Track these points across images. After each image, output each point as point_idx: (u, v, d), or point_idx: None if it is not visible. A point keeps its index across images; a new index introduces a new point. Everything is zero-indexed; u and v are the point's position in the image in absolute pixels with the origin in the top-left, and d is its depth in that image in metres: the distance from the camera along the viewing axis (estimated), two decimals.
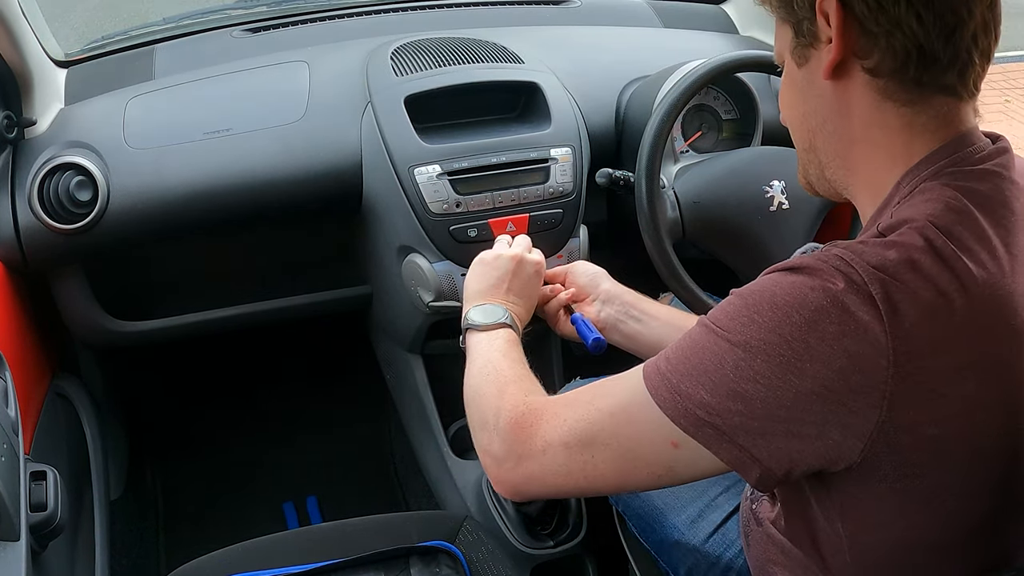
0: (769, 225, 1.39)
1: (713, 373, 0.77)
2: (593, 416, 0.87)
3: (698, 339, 0.80)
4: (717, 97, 1.63)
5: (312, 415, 2.15)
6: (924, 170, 0.80)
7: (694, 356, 0.80)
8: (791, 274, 0.77)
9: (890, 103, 0.80)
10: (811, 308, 0.73)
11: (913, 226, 0.76)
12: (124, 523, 1.80)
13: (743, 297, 0.78)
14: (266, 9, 1.92)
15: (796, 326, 0.73)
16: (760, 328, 0.75)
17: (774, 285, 0.77)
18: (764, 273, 0.80)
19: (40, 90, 1.53)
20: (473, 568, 1.20)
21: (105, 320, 1.60)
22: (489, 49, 1.63)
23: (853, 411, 0.73)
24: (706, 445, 0.78)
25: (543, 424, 0.92)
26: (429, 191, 1.46)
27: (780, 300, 0.75)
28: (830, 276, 0.74)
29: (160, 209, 1.47)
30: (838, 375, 0.73)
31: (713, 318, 0.80)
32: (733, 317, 0.78)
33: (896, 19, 0.77)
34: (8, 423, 1.05)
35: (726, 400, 0.76)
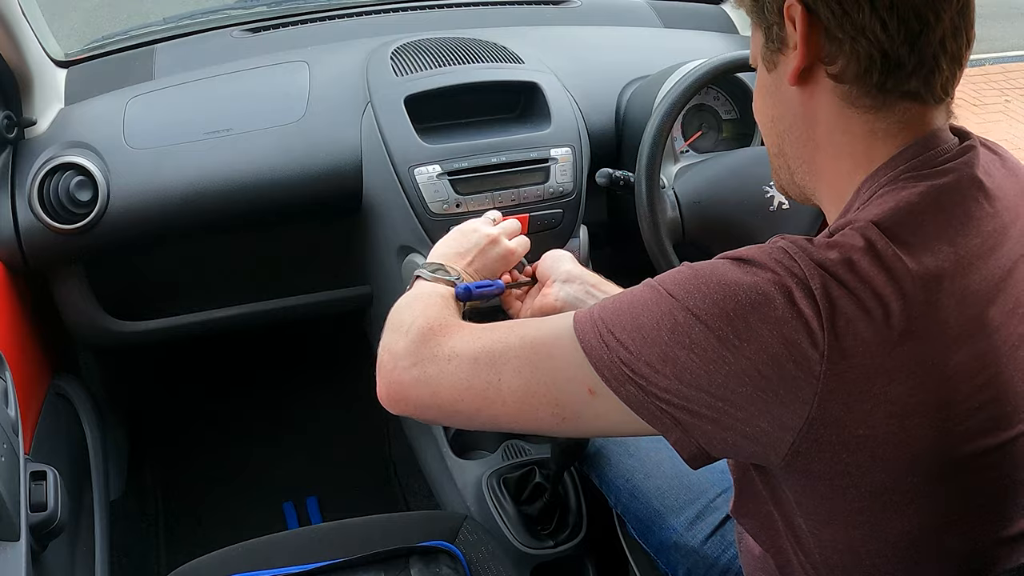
0: (769, 225, 1.39)
1: (648, 330, 0.76)
2: (511, 340, 0.86)
3: (639, 294, 0.80)
4: (717, 97, 1.63)
5: (312, 415, 2.15)
6: (883, 175, 0.80)
7: (632, 309, 0.79)
8: (739, 263, 0.76)
9: (853, 109, 0.80)
10: (757, 291, 0.73)
11: (855, 227, 0.76)
12: (124, 523, 1.80)
13: (694, 268, 0.78)
14: (266, 9, 1.92)
15: (740, 304, 0.73)
16: (705, 298, 0.74)
17: (724, 266, 0.77)
18: (716, 257, 0.80)
19: (40, 90, 1.53)
20: (473, 568, 1.20)
21: (105, 320, 1.60)
22: (489, 49, 1.63)
23: (783, 402, 0.73)
24: (627, 403, 0.78)
25: (456, 335, 0.91)
26: (429, 191, 1.46)
27: (729, 278, 0.75)
28: (774, 267, 0.74)
29: (160, 209, 1.47)
30: (772, 361, 0.72)
31: (660, 280, 0.80)
32: (680, 283, 0.77)
33: (860, 25, 0.76)
34: (8, 423, 1.06)
35: (657, 362, 0.75)
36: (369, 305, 1.76)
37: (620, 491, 1.31)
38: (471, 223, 1.22)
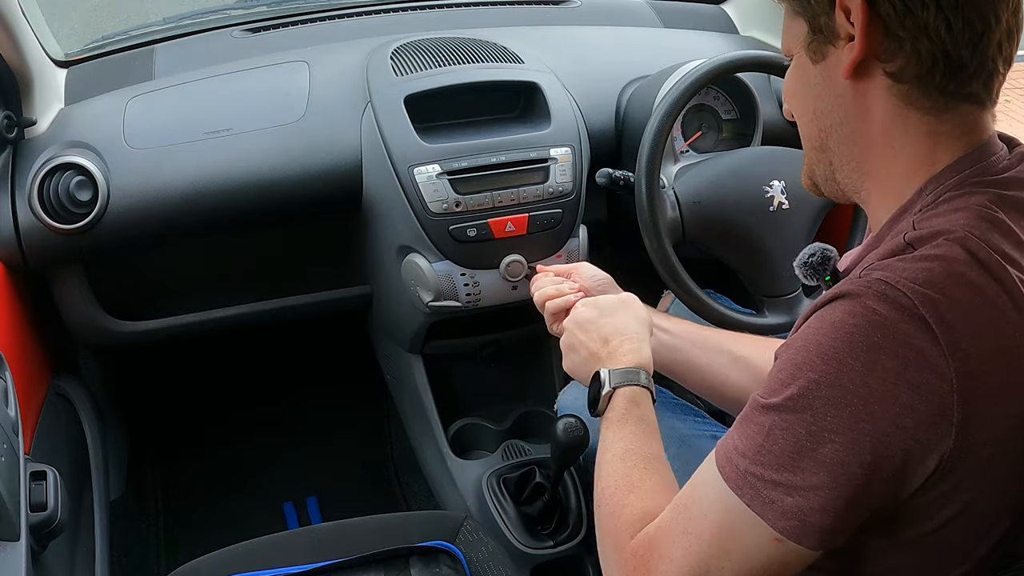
0: (769, 225, 1.39)
1: (786, 445, 0.74)
2: (697, 547, 0.81)
3: (764, 421, 0.76)
4: (717, 97, 1.63)
5: (312, 415, 2.15)
6: (948, 178, 0.78)
7: (760, 437, 0.76)
8: (832, 308, 0.74)
9: (912, 109, 0.78)
10: (864, 347, 0.71)
11: (951, 237, 0.73)
12: (124, 523, 1.80)
13: (791, 353, 0.75)
14: (266, 9, 1.92)
15: (854, 372, 0.71)
16: (823, 384, 0.72)
17: (818, 332, 0.74)
18: (804, 315, 0.78)
19: (40, 90, 1.53)
20: (473, 568, 1.20)
21: (105, 320, 1.60)
22: (489, 49, 1.63)
23: (923, 444, 0.71)
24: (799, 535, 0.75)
25: (657, 571, 0.85)
26: (429, 191, 1.46)
27: (828, 348, 0.72)
28: (875, 302, 0.71)
29: (160, 209, 1.47)
30: (906, 410, 0.70)
31: (770, 390, 0.76)
32: (788, 382, 0.74)
33: (923, 24, 0.74)
34: (8, 423, 1.06)
35: (805, 473, 0.73)
36: (369, 305, 1.76)
37: None
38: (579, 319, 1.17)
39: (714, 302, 1.39)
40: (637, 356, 1.10)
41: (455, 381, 1.77)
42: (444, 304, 1.52)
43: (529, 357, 1.78)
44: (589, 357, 1.13)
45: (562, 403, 1.47)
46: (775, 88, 1.72)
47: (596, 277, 1.33)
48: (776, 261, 1.40)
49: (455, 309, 1.53)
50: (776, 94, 1.72)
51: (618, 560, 0.91)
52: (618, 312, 1.16)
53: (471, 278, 1.51)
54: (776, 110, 1.71)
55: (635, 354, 1.10)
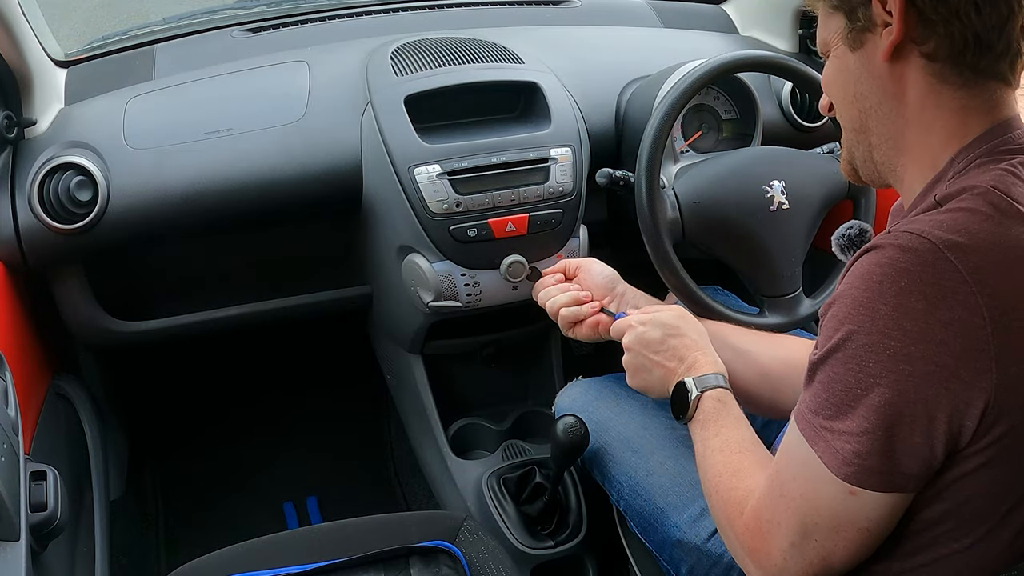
0: (769, 225, 1.39)
1: (841, 393, 0.81)
2: (795, 507, 0.88)
3: (818, 376, 0.83)
4: (717, 97, 1.63)
5: (312, 415, 2.15)
6: (978, 148, 0.85)
7: (825, 393, 0.83)
8: (862, 261, 0.80)
9: (945, 85, 0.85)
10: (893, 292, 0.77)
11: (976, 192, 0.80)
12: (124, 523, 1.80)
13: (832, 310, 0.82)
14: (266, 9, 1.92)
15: (887, 316, 0.77)
16: (860, 332, 0.78)
17: (851, 285, 0.80)
18: (842, 274, 0.84)
19: (40, 90, 1.53)
20: (473, 568, 1.19)
21: (105, 320, 1.60)
22: (489, 49, 1.63)
23: (965, 381, 0.76)
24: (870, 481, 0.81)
25: (770, 539, 0.91)
26: (429, 191, 1.46)
27: (861, 297, 0.79)
28: (901, 251, 0.77)
29: (160, 209, 1.47)
30: (942, 347, 0.75)
31: (819, 346, 0.83)
32: (830, 336, 0.81)
33: (955, 9, 0.81)
34: (8, 423, 1.06)
35: (861, 419, 0.79)
36: (369, 305, 1.76)
37: (622, 488, 1.31)
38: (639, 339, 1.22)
39: (714, 301, 1.38)
40: (715, 366, 1.17)
41: (455, 381, 1.77)
42: (444, 304, 1.52)
43: (529, 357, 1.78)
44: (666, 375, 1.19)
45: (559, 404, 1.47)
46: (775, 88, 1.72)
47: (604, 274, 1.38)
48: (776, 261, 1.40)
49: (455, 309, 1.53)
50: (776, 94, 1.72)
51: (738, 540, 0.97)
52: (682, 330, 1.21)
53: (471, 278, 1.51)
54: (776, 110, 1.71)
55: (713, 364, 1.17)
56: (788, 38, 1.87)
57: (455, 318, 1.59)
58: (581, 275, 1.39)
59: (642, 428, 1.35)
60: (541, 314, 1.40)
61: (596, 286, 1.36)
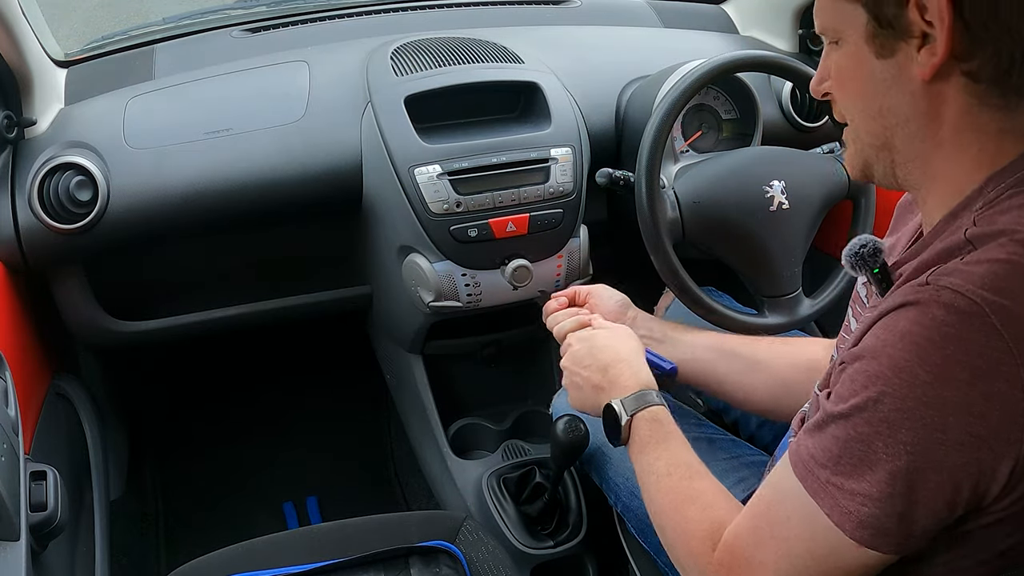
0: (769, 225, 1.39)
1: (859, 453, 0.76)
2: (787, 549, 0.84)
3: (838, 432, 0.78)
4: (717, 97, 1.63)
5: (312, 415, 2.15)
6: (1011, 175, 0.78)
7: (836, 445, 0.78)
8: (901, 317, 0.74)
9: (985, 108, 0.78)
10: (936, 361, 0.71)
11: (1017, 238, 0.73)
12: (124, 523, 1.80)
13: (863, 364, 0.76)
14: (266, 9, 1.92)
15: (927, 384, 0.72)
16: (895, 396, 0.73)
17: (889, 343, 0.74)
18: (870, 320, 0.78)
19: (40, 90, 1.53)
20: (473, 568, 1.19)
21: (105, 320, 1.60)
22: (489, 49, 1.63)
23: (996, 451, 0.72)
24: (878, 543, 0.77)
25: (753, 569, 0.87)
26: (429, 191, 1.45)
27: (900, 360, 0.73)
28: (945, 312, 0.71)
29: (160, 209, 1.47)
30: (979, 419, 0.71)
31: (842, 399, 0.77)
32: (860, 392, 0.75)
33: (1008, 24, 0.73)
34: (8, 423, 1.05)
35: (882, 483, 0.75)
36: (369, 305, 1.76)
37: (620, 490, 1.31)
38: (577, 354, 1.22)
39: (714, 302, 1.38)
40: (637, 378, 1.14)
41: (455, 381, 1.77)
42: (445, 304, 1.52)
43: (529, 357, 1.78)
44: (593, 390, 1.17)
45: (557, 405, 1.47)
46: (775, 88, 1.72)
47: (615, 299, 1.37)
48: (776, 261, 1.40)
49: (456, 309, 1.53)
50: (776, 94, 1.72)
51: (705, 570, 0.93)
52: (609, 341, 1.20)
53: (472, 278, 1.51)
54: (776, 110, 1.71)
55: (635, 376, 1.14)
56: (788, 38, 1.87)
57: (455, 318, 1.59)
58: (592, 301, 1.37)
59: None
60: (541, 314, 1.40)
61: (607, 311, 1.34)
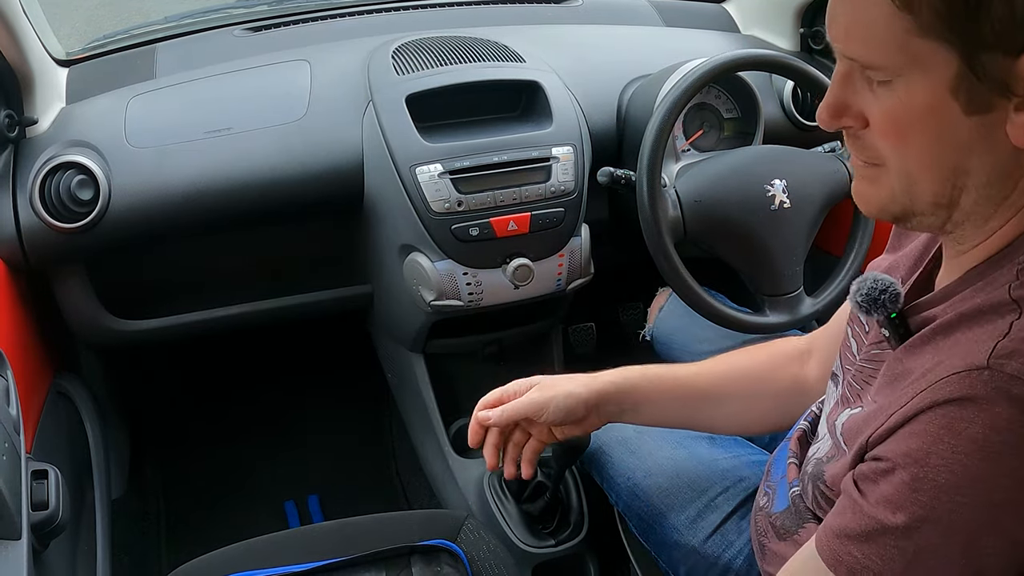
0: (770, 224, 1.39)
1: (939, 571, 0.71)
2: None
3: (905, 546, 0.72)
4: (719, 96, 1.63)
5: (313, 414, 2.15)
6: None
7: (910, 566, 0.72)
8: (964, 418, 0.68)
9: None
10: (1014, 466, 0.67)
11: None
12: (125, 522, 1.80)
13: (918, 471, 0.70)
14: (267, 8, 1.92)
15: (1006, 489, 0.68)
16: (974, 508, 0.68)
17: (957, 450, 0.68)
18: (914, 408, 0.71)
19: (41, 89, 1.53)
20: (475, 567, 1.20)
21: (107, 319, 1.60)
22: (490, 48, 1.63)
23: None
24: None
25: None
26: (431, 190, 1.45)
27: (976, 471, 0.68)
28: (1019, 411, 0.66)
29: (161, 208, 1.47)
30: None
31: (899, 507, 0.71)
32: (927, 504, 0.70)
33: None
34: (10, 422, 1.06)
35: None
36: (370, 304, 1.76)
37: (621, 489, 1.31)
38: None
39: (714, 301, 1.39)
40: None
41: (456, 380, 1.77)
42: (446, 303, 1.52)
43: (531, 356, 1.77)
44: None
45: None
46: (776, 87, 1.72)
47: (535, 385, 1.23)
48: (777, 260, 1.40)
49: (457, 308, 1.53)
50: (777, 93, 1.72)
51: None
52: None
53: (473, 277, 1.51)
54: (777, 109, 1.71)
55: None
56: (789, 37, 1.87)
57: (456, 317, 1.59)
58: None
59: (640, 429, 1.35)
60: (542, 313, 1.40)
61: None
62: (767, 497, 1.08)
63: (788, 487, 1.02)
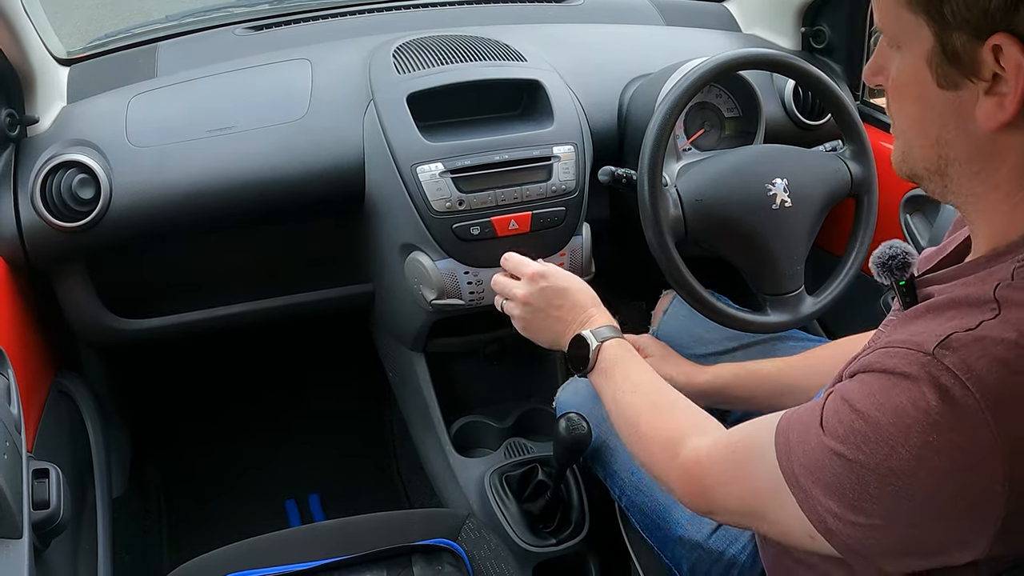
0: (772, 223, 1.39)
1: (835, 483, 0.77)
2: (752, 495, 0.90)
3: (823, 457, 0.79)
4: (720, 95, 1.63)
5: (315, 413, 2.15)
6: None
7: (817, 464, 0.79)
8: (896, 386, 0.74)
9: None
10: (918, 444, 0.71)
11: None
12: (126, 520, 1.80)
13: (859, 420, 0.76)
14: (269, 7, 1.92)
15: (905, 462, 0.72)
16: (872, 453, 0.74)
17: (880, 407, 0.74)
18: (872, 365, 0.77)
19: (43, 88, 1.53)
20: (476, 566, 1.20)
21: (108, 318, 1.60)
22: (492, 47, 1.63)
23: (963, 536, 0.73)
24: (838, 550, 0.80)
25: (710, 492, 0.95)
26: (432, 189, 1.45)
27: (886, 431, 0.73)
28: (939, 400, 0.70)
29: (162, 207, 1.47)
30: (950, 501, 0.72)
31: (833, 433, 0.78)
32: (848, 440, 0.76)
33: None
34: (11, 421, 1.06)
35: (850, 512, 0.77)
36: (371, 303, 1.76)
37: (625, 484, 1.31)
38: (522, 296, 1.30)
39: (716, 301, 1.38)
40: (609, 320, 1.24)
41: (458, 379, 1.77)
42: (447, 302, 1.52)
43: (532, 355, 1.77)
44: (562, 328, 1.26)
45: (561, 400, 1.47)
46: (777, 86, 1.72)
47: None
48: (779, 259, 1.40)
49: (458, 307, 1.53)
50: (778, 92, 1.72)
51: (668, 477, 1.01)
52: (580, 288, 1.28)
53: (474, 276, 1.51)
54: (779, 108, 1.71)
55: (607, 319, 1.24)
56: (790, 36, 1.87)
57: (458, 316, 1.59)
58: None
59: None
60: None
61: None
62: None
63: None
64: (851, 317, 1.57)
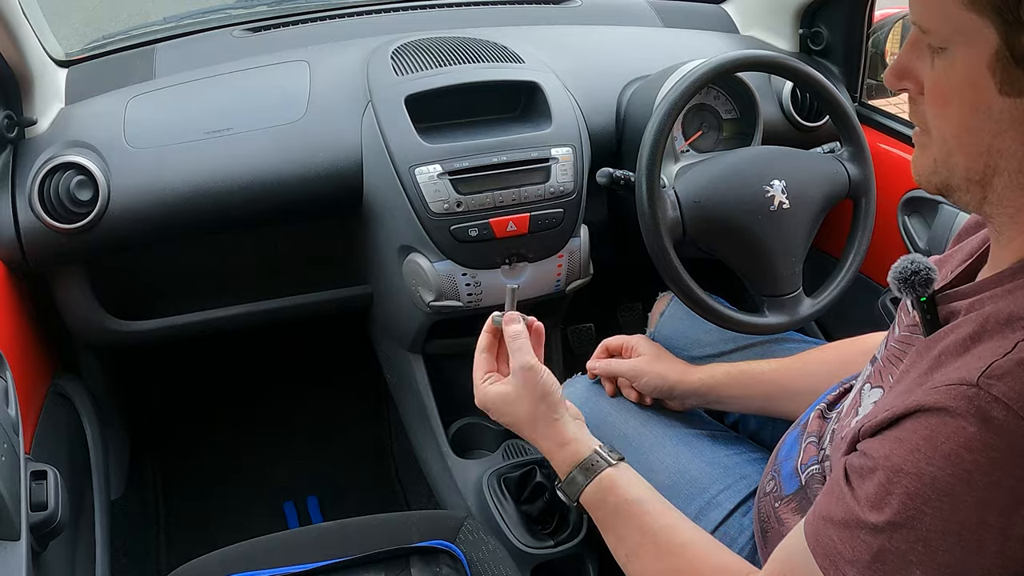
0: (770, 224, 1.39)
1: (898, 563, 0.72)
2: None
3: (871, 541, 0.73)
4: (718, 97, 1.63)
5: (313, 415, 2.15)
6: None
7: (873, 561, 0.73)
8: (942, 429, 0.69)
9: None
10: (981, 486, 0.68)
11: None
12: (125, 522, 1.80)
13: (902, 479, 0.71)
14: (267, 9, 1.92)
15: (970, 508, 0.68)
16: (934, 519, 0.69)
17: (930, 461, 0.70)
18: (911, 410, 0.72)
19: (40, 90, 1.53)
20: (474, 568, 1.19)
21: (106, 320, 1.60)
22: (490, 49, 1.63)
23: None
24: None
25: None
26: (430, 191, 1.46)
27: (944, 483, 0.69)
28: (993, 435, 0.67)
29: (160, 209, 1.47)
30: (1017, 541, 0.69)
31: (874, 506, 0.73)
32: (898, 508, 0.71)
33: None
34: (9, 423, 1.05)
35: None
36: (369, 305, 1.76)
37: None
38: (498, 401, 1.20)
39: (714, 302, 1.39)
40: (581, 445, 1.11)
41: (456, 381, 1.77)
42: (445, 304, 1.52)
43: None
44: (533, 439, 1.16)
45: None
46: (775, 88, 1.72)
47: None
48: (776, 261, 1.40)
49: (456, 309, 1.53)
50: (776, 93, 1.72)
51: None
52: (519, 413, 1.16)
53: (472, 278, 1.51)
54: (776, 110, 1.71)
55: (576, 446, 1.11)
56: (789, 37, 1.87)
57: (456, 317, 1.59)
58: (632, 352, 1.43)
59: (641, 426, 1.35)
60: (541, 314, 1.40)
61: None
62: (774, 482, 1.08)
63: (802, 469, 1.03)
64: (849, 319, 1.58)
